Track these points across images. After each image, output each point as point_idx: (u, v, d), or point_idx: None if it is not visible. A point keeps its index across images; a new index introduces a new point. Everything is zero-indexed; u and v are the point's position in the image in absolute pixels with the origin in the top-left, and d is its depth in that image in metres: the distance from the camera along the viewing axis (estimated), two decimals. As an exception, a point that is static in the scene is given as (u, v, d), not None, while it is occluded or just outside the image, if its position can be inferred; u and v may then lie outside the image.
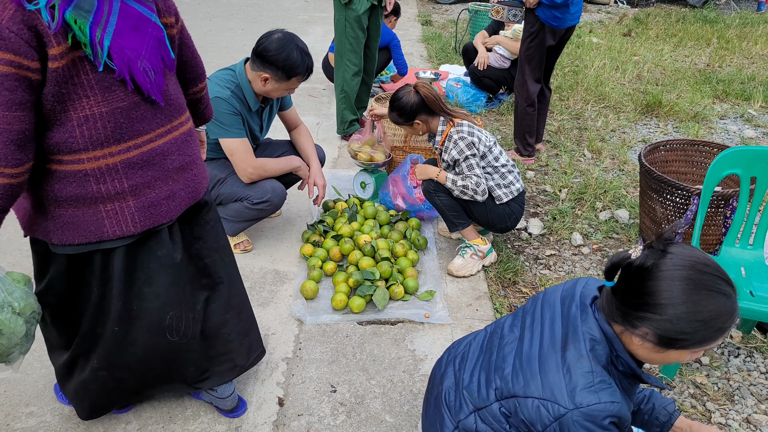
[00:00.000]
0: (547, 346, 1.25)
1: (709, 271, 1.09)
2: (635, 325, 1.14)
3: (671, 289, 1.08)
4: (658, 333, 1.10)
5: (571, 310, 1.28)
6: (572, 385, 1.16)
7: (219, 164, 2.58)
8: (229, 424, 1.82)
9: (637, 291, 1.13)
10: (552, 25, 3.32)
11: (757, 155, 2.10)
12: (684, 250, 1.12)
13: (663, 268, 1.10)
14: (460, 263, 2.62)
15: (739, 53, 6.85)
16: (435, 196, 2.56)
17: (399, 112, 2.54)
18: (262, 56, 2.34)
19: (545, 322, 1.31)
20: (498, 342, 1.39)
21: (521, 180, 2.64)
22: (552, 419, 1.16)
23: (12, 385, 1.93)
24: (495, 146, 2.57)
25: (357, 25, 3.63)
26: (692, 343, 1.09)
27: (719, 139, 4.32)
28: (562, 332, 1.26)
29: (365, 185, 3.19)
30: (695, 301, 1.07)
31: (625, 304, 1.16)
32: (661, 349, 1.13)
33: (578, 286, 1.34)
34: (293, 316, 2.32)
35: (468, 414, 1.35)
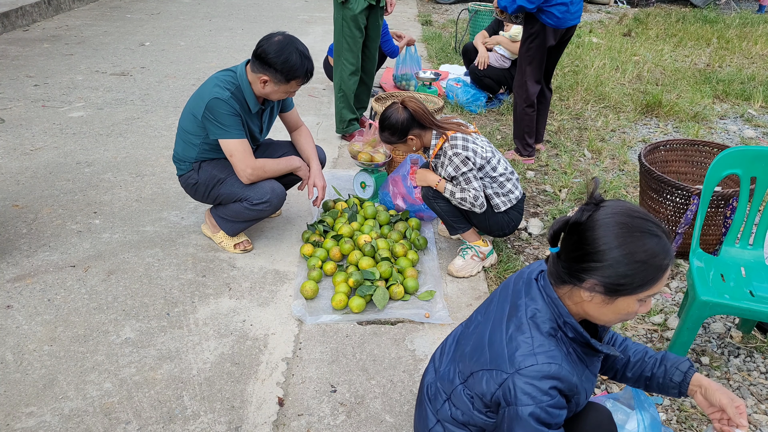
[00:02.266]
0: (496, 322, 1.32)
1: (638, 215, 1.15)
2: (581, 278, 1.18)
3: (607, 235, 1.14)
4: (603, 281, 1.15)
5: (518, 286, 1.35)
6: (512, 351, 1.22)
7: (218, 165, 2.57)
8: (229, 425, 1.83)
9: (578, 244, 1.18)
10: (552, 25, 3.32)
11: (757, 155, 2.10)
12: (614, 202, 1.19)
13: (597, 218, 1.16)
14: (461, 264, 2.62)
15: (739, 53, 6.85)
16: (434, 202, 2.56)
17: (391, 131, 2.48)
18: (262, 58, 2.34)
19: (497, 303, 1.38)
20: (465, 332, 1.46)
21: (520, 186, 2.61)
22: (496, 386, 1.23)
23: (12, 385, 1.94)
24: (493, 156, 2.50)
25: (354, 25, 3.62)
26: (636, 286, 1.14)
27: (719, 139, 4.31)
28: (509, 307, 1.32)
29: (365, 185, 3.19)
30: (630, 242, 1.12)
31: (568, 260, 1.21)
32: (610, 299, 1.17)
33: (530, 267, 1.40)
34: (293, 316, 2.32)
35: (442, 403, 1.42)
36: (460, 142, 2.43)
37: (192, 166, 2.58)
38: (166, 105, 4.58)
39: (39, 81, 4.99)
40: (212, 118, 2.40)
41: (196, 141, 2.51)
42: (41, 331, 2.18)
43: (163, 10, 8.32)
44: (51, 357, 2.06)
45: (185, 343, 2.15)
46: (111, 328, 2.21)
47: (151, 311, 2.31)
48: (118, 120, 4.24)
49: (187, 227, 2.92)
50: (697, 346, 2.26)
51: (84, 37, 6.52)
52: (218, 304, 2.38)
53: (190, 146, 2.54)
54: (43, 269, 2.54)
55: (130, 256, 2.67)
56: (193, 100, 2.48)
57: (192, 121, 2.48)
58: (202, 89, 2.44)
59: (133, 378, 1.98)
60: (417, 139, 2.52)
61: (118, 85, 5.00)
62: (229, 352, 2.12)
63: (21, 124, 4.07)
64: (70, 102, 4.54)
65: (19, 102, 4.48)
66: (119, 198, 3.17)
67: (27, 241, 2.74)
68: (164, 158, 3.66)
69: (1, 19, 6.41)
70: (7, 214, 2.96)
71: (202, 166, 2.57)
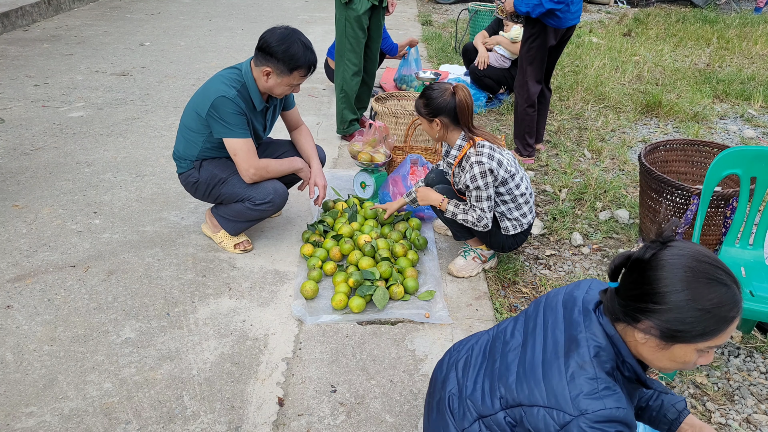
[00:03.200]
0: (551, 353, 1.23)
1: (707, 261, 1.08)
2: (637, 318, 1.12)
3: (671, 277, 1.07)
4: (661, 325, 1.09)
5: (573, 315, 1.26)
6: (576, 392, 1.14)
7: (220, 164, 2.57)
8: (229, 425, 1.82)
9: (638, 282, 1.12)
10: (553, 25, 3.32)
11: (757, 155, 2.10)
12: (684, 243, 1.12)
13: (662, 257, 1.10)
14: (462, 264, 2.62)
15: (739, 53, 6.85)
16: (440, 213, 2.55)
17: (426, 103, 2.37)
18: (264, 49, 2.33)
19: (548, 328, 1.29)
20: (501, 348, 1.37)
21: (534, 210, 2.52)
22: (558, 427, 1.15)
23: (12, 385, 1.94)
24: (518, 172, 2.42)
25: (357, 25, 3.62)
26: (696, 335, 1.07)
27: (719, 139, 4.31)
28: (565, 338, 1.24)
29: (365, 185, 3.19)
30: (695, 289, 1.05)
31: (626, 298, 1.14)
32: (666, 344, 1.11)
33: (580, 289, 1.32)
34: (293, 316, 2.32)
35: (472, 422, 1.33)
36: (486, 150, 2.33)
37: (193, 164, 2.57)
38: (166, 105, 4.58)
39: (39, 81, 4.99)
40: (217, 116, 2.38)
41: (198, 139, 2.51)
42: (41, 331, 2.18)
43: (163, 10, 8.32)
44: (51, 357, 2.06)
45: (185, 343, 2.15)
46: (111, 328, 2.21)
47: (151, 311, 2.31)
48: (118, 120, 4.24)
49: (187, 227, 2.92)
50: (697, 346, 2.26)
51: (84, 37, 6.52)
52: (218, 304, 2.38)
53: (192, 144, 2.53)
54: (43, 269, 2.54)
55: (130, 256, 2.67)
56: (197, 97, 2.47)
57: (195, 119, 2.47)
58: (208, 87, 2.43)
59: (133, 378, 1.98)
60: (442, 127, 2.39)
61: (118, 85, 5.00)
62: (229, 352, 2.12)
63: (21, 124, 4.07)
64: (70, 102, 4.54)
65: (19, 102, 4.48)
66: (119, 198, 3.17)
67: (27, 241, 2.74)
68: (164, 158, 3.66)
69: (1, 19, 6.41)
70: (7, 214, 2.96)
71: (204, 165, 2.57)
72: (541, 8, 3.20)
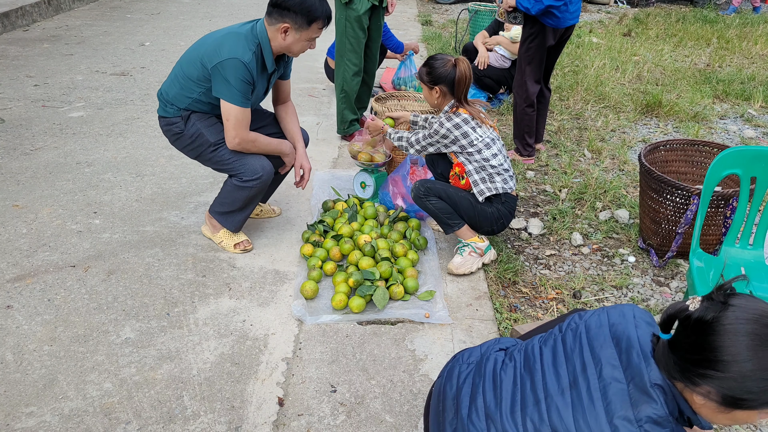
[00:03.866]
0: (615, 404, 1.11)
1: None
2: (696, 383, 1.04)
3: (736, 345, 0.99)
4: (722, 392, 1.01)
5: (631, 358, 1.15)
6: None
7: (210, 125, 2.48)
8: (229, 425, 1.83)
9: (698, 346, 1.03)
10: (551, 25, 3.32)
11: (757, 155, 2.10)
12: (748, 302, 1.03)
13: (725, 321, 1.00)
14: (460, 261, 2.63)
15: (739, 53, 6.85)
16: (426, 200, 2.58)
17: (429, 71, 2.57)
18: (279, 5, 2.28)
19: (603, 370, 1.17)
20: (542, 385, 1.24)
21: (512, 185, 2.60)
22: None
23: (12, 385, 1.94)
24: (489, 148, 2.54)
25: (357, 25, 3.63)
26: (760, 404, 1.00)
27: (719, 139, 4.31)
28: (627, 386, 1.13)
29: (365, 185, 3.19)
30: (762, 358, 0.98)
31: (684, 359, 1.05)
32: (727, 410, 1.03)
33: (626, 320, 1.22)
34: (293, 316, 2.32)
35: None
36: (458, 120, 2.52)
37: (180, 113, 2.45)
38: (166, 105, 4.57)
39: (39, 81, 4.99)
40: (224, 76, 2.27)
41: (195, 90, 2.39)
42: (41, 331, 2.18)
43: (163, 10, 8.32)
44: (51, 357, 2.06)
45: (185, 343, 2.15)
46: (111, 328, 2.21)
47: (151, 311, 2.31)
48: (118, 120, 4.24)
49: (187, 227, 2.92)
50: (697, 346, 2.26)
51: (84, 37, 6.52)
52: (218, 304, 2.38)
53: (186, 93, 2.40)
54: (43, 269, 2.54)
55: (130, 256, 2.67)
56: (207, 47, 2.32)
57: (199, 69, 2.33)
58: (223, 42, 2.30)
59: (133, 378, 1.98)
60: (441, 95, 2.60)
61: (118, 85, 5.00)
62: (229, 352, 2.12)
63: (21, 124, 4.07)
64: (70, 102, 4.54)
65: (19, 102, 4.48)
66: (119, 198, 3.17)
67: (27, 241, 2.74)
68: (164, 158, 3.66)
69: (1, 19, 6.41)
70: (7, 214, 2.96)
71: (192, 119, 2.45)
72: (541, 5, 3.21)
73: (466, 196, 2.58)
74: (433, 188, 2.57)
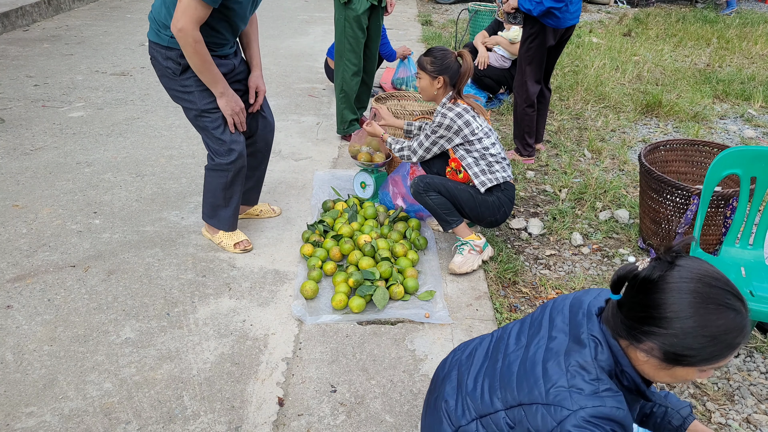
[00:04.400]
0: (552, 353, 1.22)
1: (718, 285, 1.04)
2: (640, 339, 1.10)
3: (678, 303, 1.04)
4: (664, 348, 1.06)
5: (577, 317, 1.25)
6: (577, 391, 1.13)
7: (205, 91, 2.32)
8: (229, 425, 1.82)
9: (643, 304, 1.09)
10: (552, 25, 3.32)
11: (757, 155, 2.10)
12: (693, 263, 1.07)
13: (670, 280, 1.06)
14: (461, 260, 2.63)
15: (739, 53, 6.85)
16: (425, 196, 2.59)
17: (433, 61, 2.58)
18: None
19: (552, 329, 1.27)
20: (504, 349, 1.36)
21: (509, 171, 2.65)
22: (555, 423, 1.13)
23: (12, 385, 1.94)
24: (488, 138, 2.60)
25: (356, 25, 3.62)
26: (700, 360, 1.05)
27: (719, 139, 4.31)
28: (568, 339, 1.22)
29: (365, 185, 3.19)
30: (703, 315, 1.02)
31: (630, 317, 1.12)
32: (667, 366, 1.09)
33: (588, 295, 1.31)
34: (293, 316, 2.32)
35: (470, 421, 1.32)
36: (458, 109, 2.55)
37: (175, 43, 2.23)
38: (166, 105, 4.57)
39: (39, 81, 4.99)
40: None
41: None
42: (41, 331, 2.18)
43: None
44: (51, 357, 2.06)
45: (185, 343, 2.15)
46: (111, 328, 2.21)
47: (151, 311, 2.31)
48: (118, 120, 4.24)
49: (187, 227, 2.92)
50: (697, 346, 2.26)
51: (84, 37, 6.52)
52: (218, 304, 2.38)
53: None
54: (43, 269, 2.54)
55: (130, 256, 2.67)
56: None
57: None
58: None
59: (133, 378, 1.98)
60: (442, 87, 2.61)
61: (118, 85, 5.00)
62: (229, 352, 2.12)
63: (21, 124, 4.07)
64: (70, 102, 4.54)
65: (19, 102, 4.48)
66: (119, 198, 3.17)
67: (27, 241, 2.74)
68: (164, 158, 3.66)
69: (1, 19, 6.41)
70: (7, 214, 2.96)
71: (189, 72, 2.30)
72: (542, 6, 3.21)
73: (466, 189, 2.60)
74: (432, 183, 2.58)
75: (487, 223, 2.68)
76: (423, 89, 2.67)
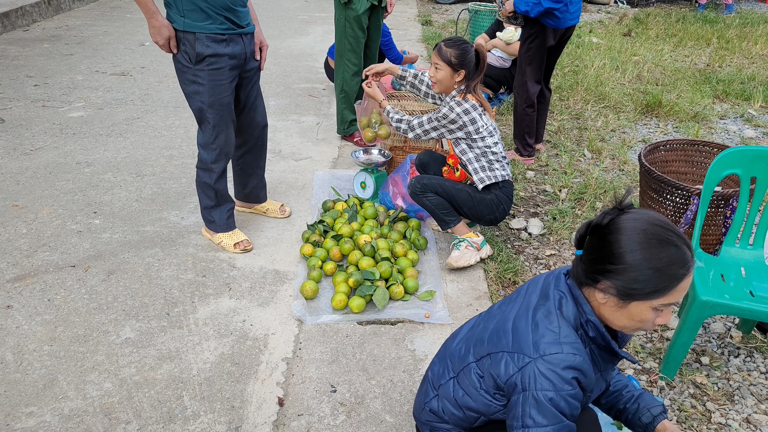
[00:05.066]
0: (522, 309, 1.33)
1: (660, 224, 1.16)
2: (596, 279, 1.20)
3: (625, 239, 1.16)
4: (617, 284, 1.17)
5: (547, 280, 1.36)
6: (537, 337, 1.23)
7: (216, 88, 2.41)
8: (229, 425, 1.82)
9: (597, 246, 1.20)
10: (552, 25, 3.31)
11: (757, 155, 2.10)
12: (639, 210, 1.20)
13: (620, 223, 1.18)
14: (457, 254, 2.64)
15: (739, 53, 6.84)
16: (423, 196, 2.59)
17: (457, 54, 2.51)
18: None
19: (526, 294, 1.38)
20: (484, 317, 1.46)
21: (508, 169, 2.66)
22: (516, 369, 1.23)
23: (12, 385, 1.94)
24: (492, 137, 2.60)
25: (357, 25, 3.62)
26: (649, 292, 1.15)
27: (719, 139, 4.31)
28: (536, 299, 1.33)
29: (365, 185, 3.19)
30: (647, 249, 1.14)
31: (587, 261, 1.23)
32: (623, 303, 1.19)
33: (561, 269, 1.40)
34: (293, 316, 2.32)
35: (448, 379, 1.44)
36: (467, 105, 2.53)
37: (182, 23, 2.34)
38: (166, 105, 4.58)
39: (39, 81, 4.99)
40: None
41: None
42: (41, 331, 2.18)
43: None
44: (51, 357, 2.06)
45: (185, 343, 2.15)
46: (111, 328, 2.21)
47: (151, 311, 2.31)
48: (118, 120, 4.24)
49: (187, 227, 2.92)
50: (697, 346, 2.26)
51: (84, 37, 6.52)
52: (218, 304, 2.38)
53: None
54: (43, 269, 2.54)
55: (130, 256, 2.67)
56: None
57: None
58: None
59: (133, 378, 1.98)
60: (462, 80, 2.57)
61: (118, 85, 5.00)
62: (229, 352, 2.12)
63: (21, 124, 4.07)
64: (70, 102, 4.54)
65: (19, 102, 4.48)
66: (119, 198, 3.17)
67: (27, 241, 2.74)
68: (164, 158, 3.66)
69: (1, 19, 6.41)
70: (7, 214, 2.96)
71: (205, 62, 2.38)
72: (540, 7, 3.20)
73: (463, 188, 2.60)
74: (429, 184, 2.58)
75: (486, 221, 2.68)
76: (440, 81, 2.58)
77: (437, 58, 2.55)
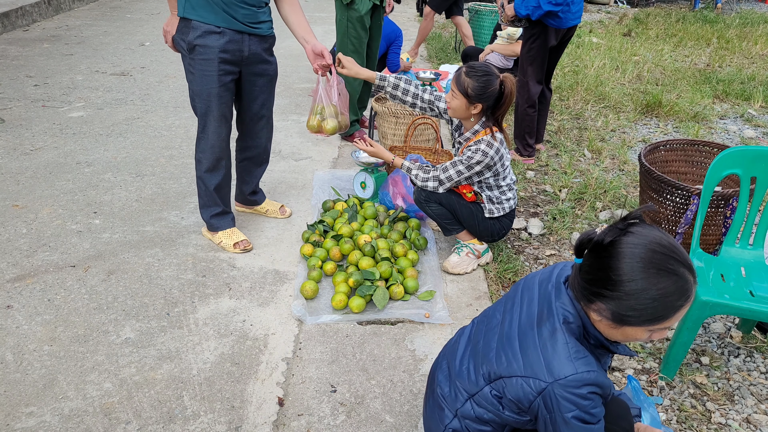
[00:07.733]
0: (525, 325, 1.30)
1: (662, 251, 1.11)
2: (591, 300, 1.19)
3: (624, 267, 1.11)
4: (611, 309, 1.15)
5: (547, 290, 1.33)
6: (549, 359, 1.21)
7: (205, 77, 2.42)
8: (229, 425, 1.82)
9: (595, 267, 1.17)
10: (553, 25, 3.32)
11: (757, 155, 2.10)
12: (644, 230, 1.14)
13: (620, 246, 1.13)
14: (456, 260, 2.63)
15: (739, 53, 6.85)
16: (426, 206, 2.59)
17: (476, 85, 2.28)
18: None
19: (524, 304, 1.36)
20: (483, 329, 1.44)
21: (515, 199, 2.63)
22: (535, 394, 1.22)
23: (12, 385, 1.93)
24: (509, 170, 2.57)
25: (359, 26, 3.63)
26: (644, 320, 1.13)
27: (719, 139, 4.31)
28: (538, 310, 1.30)
29: (365, 185, 3.19)
30: (645, 279, 1.10)
31: (584, 279, 1.20)
32: (616, 326, 1.17)
33: (556, 268, 1.39)
34: (293, 316, 2.32)
35: (464, 402, 1.41)
36: (497, 145, 2.41)
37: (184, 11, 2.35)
38: (166, 105, 4.58)
39: (39, 81, 4.99)
40: None
41: None
42: (41, 331, 2.18)
43: (163, 10, 8.32)
44: (51, 357, 2.06)
45: (185, 343, 2.15)
46: (111, 328, 2.21)
47: (151, 311, 2.31)
48: (118, 120, 4.24)
49: (187, 227, 2.92)
50: (697, 346, 2.26)
51: (84, 37, 6.52)
52: (218, 304, 2.38)
53: None
54: (43, 269, 2.54)
55: (130, 256, 2.67)
56: None
57: None
58: None
59: (133, 378, 1.98)
60: (478, 113, 2.38)
61: (118, 85, 5.00)
62: (229, 352, 2.12)
63: (21, 124, 4.07)
64: (70, 102, 4.54)
65: (19, 102, 4.48)
66: (119, 198, 3.17)
67: (27, 241, 2.74)
68: (164, 158, 3.66)
69: (1, 19, 6.41)
70: (7, 214, 2.96)
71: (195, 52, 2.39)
72: (540, 10, 3.21)
73: (467, 205, 2.58)
74: (433, 194, 2.56)
75: (484, 239, 2.70)
76: (455, 110, 2.40)
77: (454, 84, 2.35)
